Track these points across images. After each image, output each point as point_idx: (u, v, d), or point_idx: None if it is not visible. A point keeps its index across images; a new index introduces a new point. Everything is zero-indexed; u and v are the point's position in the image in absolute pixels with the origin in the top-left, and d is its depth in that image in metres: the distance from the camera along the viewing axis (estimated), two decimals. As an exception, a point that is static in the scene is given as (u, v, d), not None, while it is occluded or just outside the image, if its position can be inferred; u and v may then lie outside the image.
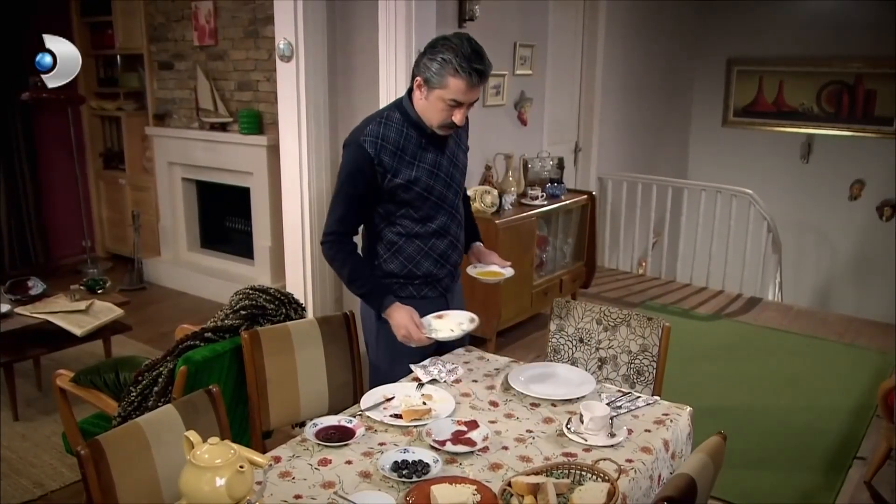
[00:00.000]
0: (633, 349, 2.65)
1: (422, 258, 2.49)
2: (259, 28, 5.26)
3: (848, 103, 7.03)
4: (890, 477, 3.40)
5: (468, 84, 2.26)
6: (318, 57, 3.60)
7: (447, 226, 2.52)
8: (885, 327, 5.43)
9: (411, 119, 2.39)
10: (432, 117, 2.35)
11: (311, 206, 3.71)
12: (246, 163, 5.49)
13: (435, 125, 2.36)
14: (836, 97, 7.09)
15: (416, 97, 2.36)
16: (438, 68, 2.25)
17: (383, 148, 2.34)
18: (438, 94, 2.29)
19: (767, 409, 4.04)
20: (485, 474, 1.89)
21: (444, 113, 2.32)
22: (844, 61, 6.96)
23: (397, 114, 2.40)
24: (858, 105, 6.98)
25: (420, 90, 2.33)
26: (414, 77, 2.35)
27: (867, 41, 6.83)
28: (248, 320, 2.74)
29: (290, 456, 1.94)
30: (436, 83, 2.27)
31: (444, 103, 2.30)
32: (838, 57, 6.98)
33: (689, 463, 1.80)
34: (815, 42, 7.11)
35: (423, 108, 2.36)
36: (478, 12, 4.56)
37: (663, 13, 7.13)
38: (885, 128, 6.84)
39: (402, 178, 2.36)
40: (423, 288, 2.54)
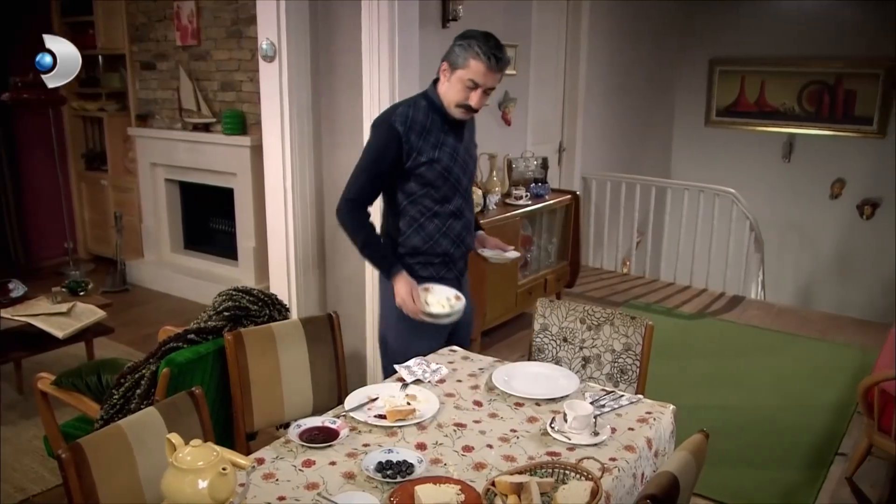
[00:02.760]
0: (617, 348, 2.66)
1: (440, 237, 2.69)
2: (242, 28, 5.24)
3: (828, 103, 7.09)
4: (871, 473, 3.43)
5: (487, 66, 2.50)
6: (300, 57, 3.59)
7: (462, 209, 2.74)
8: (866, 324, 5.49)
9: (435, 105, 2.62)
10: (452, 97, 2.57)
11: (295, 206, 3.70)
12: (229, 163, 5.47)
13: (453, 105, 2.58)
14: (816, 97, 7.15)
15: (440, 83, 2.61)
16: (462, 51, 2.51)
17: (412, 128, 2.57)
18: (459, 76, 2.53)
19: (750, 407, 4.07)
20: (469, 474, 1.89)
21: (462, 93, 2.55)
22: (825, 62, 7.03)
23: (423, 101, 2.64)
24: (839, 105, 7.05)
25: (444, 74, 2.58)
26: (441, 64, 2.60)
27: (847, 42, 6.90)
28: (232, 321, 2.72)
29: (273, 457, 1.93)
30: (459, 64, 2.52)
31: (462, 84, 2.53)
32: (819, 57, 7.04)
33: (672, 461, 1.81)
34: (795, 42, 7.17)
35: (444, 91, 2.59)
36: (461, 12, 4.57)
37: (646, 13, 7.17)
38: (864, 127, 6.91)
39: (426, 157, 2.58)
40: (442, 269, 2.73)
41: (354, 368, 3.67)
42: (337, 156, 3.77)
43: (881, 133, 6.85)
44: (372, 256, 2.72)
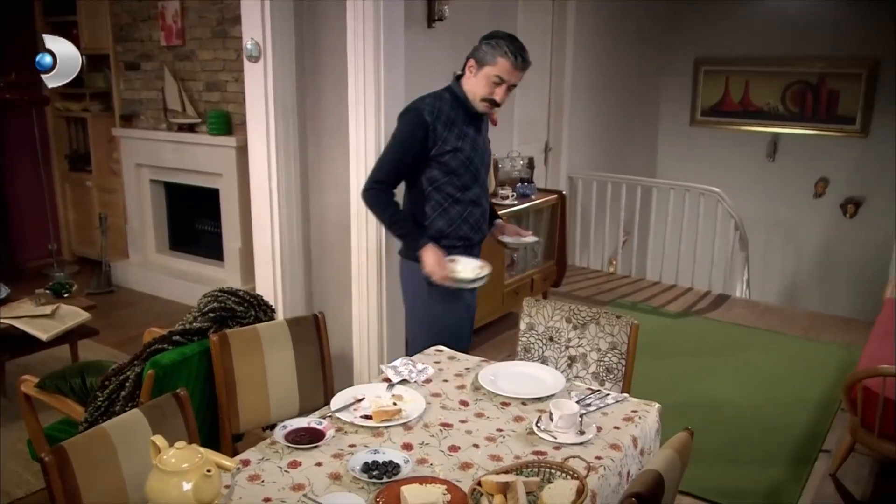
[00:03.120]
0: (603, 347, 2.67)
1: (461, 222, 2.91)
2: (227, 28, 5.22)
3: (812, 103, 7.15)
4: (854, 469, 3.47)
5: (513, 64, 2.76)
6: (286, 57, 3.58)
7: (480, 197, 2.97)
8: (850, 322, 5.53)
9: (460, 99, 2.84)
10: (478, 92, 2.81)
11: (281, 207, 3.69)
12: (215, 164, 5.44)
13: (478, 98, 2.81)
14: (800, 97, 7.21)
15: (465, 78, 2.84)
16: (490, 49, 2.76)
17: (438, 118, 2.78)
18: (486, 72, 2.77)
19: (735, 405, 4.09)
20: (455, 474, 1.90)
21: (488, 88, 2.79)
22: (808, 62, 7.08)
23: (448, 94, 2.86)
24: (822, 104, 7.11)
25: (471, 70, 2.81)
26: (467, 61, 2.83)
27: (830, 42, 6.95)
28: (217, 323, 2.71)
29: (259, 459, 1.93)
30: (487, 61, 2.76)
31: (489, 80, 2.77)
32: (802, 57, 7.10)
33: (657, 459, 1.82)
34: (779, 43, 7.22)
35: (471, 86, 2.82)
36: (447, 13, 4.57)
37: (632, 14, 7.20)
38: (847, 126, 6.97)
39: (451, 146, 2.80)
40: (462, 252, 2.92)
41: (341, 369, 3.66)
42: (322, 156, 3.76)
43: (864, 132, 6.91)
44: (400, 231, 2.90)
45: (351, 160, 3.54)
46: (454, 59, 4.86)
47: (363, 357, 3.71)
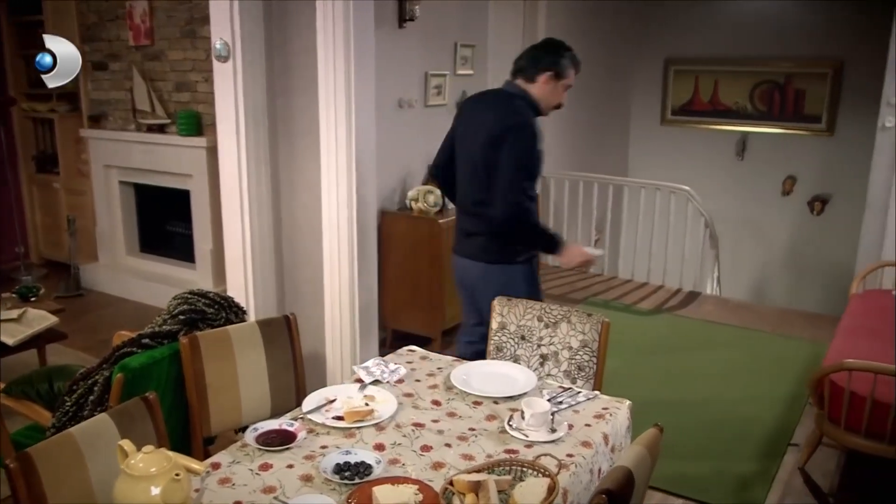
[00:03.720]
0: (574, 345, 2.69)
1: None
2: (196, 28, 5.18)
3: (779, 102, 7.25)
4: (822, 462, 3.52)
5: (576, 72, 3.03)
6: (255, 57, 3.56)
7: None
8: (817, 318, 5.62)
9: (533, 106, 2.98)
10: (552, 101, 3.02)
11: (252, 208, 3.67)
12: (185, 165, 5.40)
13: (552, 106, 3.04)
14: (767, 96, 7.31)
15: (538, 88, 2.97)
16: (567, 63, 2.97)
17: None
18: (564, 83, 3.00)
19: (706, 401, 4.14)
20: (427, 473, 1.90)
21: (561, 96, 3.03)
22: (775, 61, 7.18)
23: (525, 103, 2.96)
24: (789, 104, 7.21)
25: (548, 82, 2.96)
26: (539, 72, 2.94)
27: (796, 42, 7.06)
28: (188, 325, 2.69)
29: (229, 462, 1.92)
30: (565, 74, 2.97)
31: (563, 89, 3.01)
32: (769, 57, 7.20)
33: (627, 455, 1.84)
34: (747, 43, 7.31)
35: (547, 95, 2.99)
36: (418, 12, 4.57)
37: (602, 14, 7.25)
38: (814, 125, 7.08)
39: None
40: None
41: (314, 370, 3.65)
42: (294, 157, 3.75)
43: (829, 131, 7.02)
44: (545, 239, 3.04)
45: (322, 161, 3.53)
46: (425, 59, 4.88)
47: (336, 358, 3.71)
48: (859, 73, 6.75)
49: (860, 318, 4.21)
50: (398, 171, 4.81)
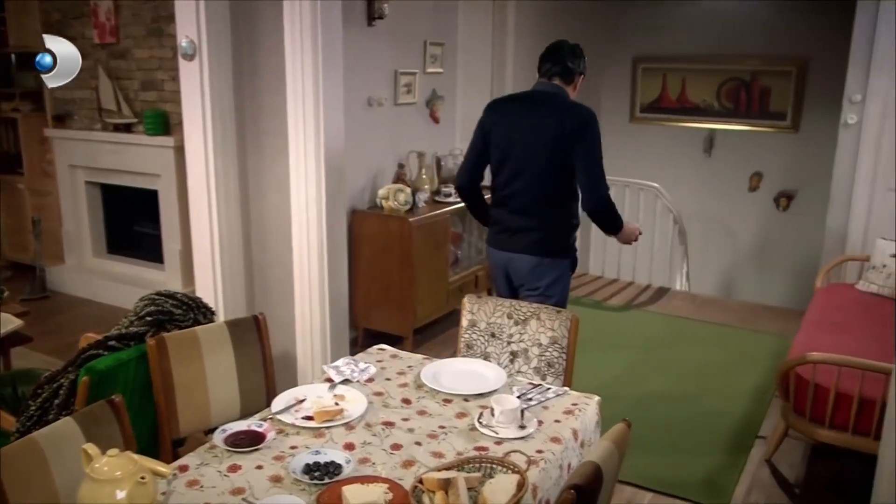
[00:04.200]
0: (544, 342, 2.70)
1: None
2: (162, 26, 5.11)
3: (745, 99, 7.34)
4: (788, 454, 3.59)
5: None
6: (222, 56, 3.52)
7: None
8: (784, 312, 5.71)
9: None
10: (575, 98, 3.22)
11: (220, 208, 3.64)
12: (153, 164, 5.34)
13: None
14: (734, 93, 7.39)
15: (573, 88, 3.22)
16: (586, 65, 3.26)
17: None
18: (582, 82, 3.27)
19: (676, 395, 4.19)
20: (397, 472, 1.90)
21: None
22: (741, 59, 7.27)
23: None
24: (755, 101, 7.30)
25: (579, 84, 3.25)
26: (576, 75, 3.21)
27: (761, 41, 7.15)
28: (155, 326, 2.67)
29: (197, 464, 1.90)
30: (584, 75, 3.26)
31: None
32: (735, 56, 7.28)
33: (596, 451, 1.85)
34: (714, 41, 7.39)
35: (574, 94, 3.22)
36: (387, 11, 4.56)
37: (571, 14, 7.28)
38: (779, 122, 7.18)
39: None
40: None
41: (284, 370, 3.63)
42: (262, 156, 3.72)
43: (794, 128, 7.13)
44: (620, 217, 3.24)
45: (291, 160, 3.52)
46: (395, 57, 4.87)
47: (307, 357, 3.69)
48: (822, 71, 6.86)
49: (824, 312, 4.29)
50: (368, 170, 4.80)
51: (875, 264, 4.57)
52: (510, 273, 3.21)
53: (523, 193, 3.09)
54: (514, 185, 3.10)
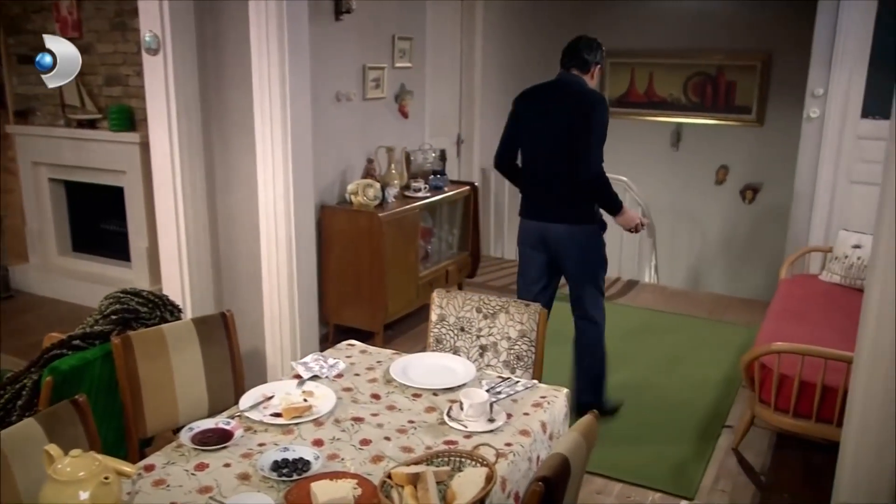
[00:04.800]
0: (513, 335, 2.72)
1: None
2: (126, 20, 5.04)
3: (711, 94, 7.42)
4: (755, 442, 3.65)
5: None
6: (186, 50, 3.48)
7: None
8: (750, 303, 5.80)
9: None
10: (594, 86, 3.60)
11: (186, 204, 3.60)
12: (118, 161, 5.26)
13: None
14: (700, 88, 7.47)
15: (590, 77, 3.55)
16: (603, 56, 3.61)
17: None
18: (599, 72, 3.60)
19: (644, 386, 4.23)
20: (366, 467, 1.90)
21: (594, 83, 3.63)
22: (707, 54, 7.35)
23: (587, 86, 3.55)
24: (721, 95, 7.39)
25: (596, 74, 3.57)
26: (593, 65, 3.55)
27: (727, 35, 7.23)
28: (121, 325, 2.64)
29: (164, 463, 1.89)
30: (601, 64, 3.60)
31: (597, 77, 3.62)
32: (702, 50, 7.36)
33: (563, 442, 1.87)
34: (680, 36, 7.46)
35: (594, 83, 3.59)
36: (354, 5, 4.53)
37: (540, 9, 7.31)
38: (744, 116, 7.27)
39: None
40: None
41: (253, 367, 3.61)
42: (229, 152, 3.69)
43: (759, 122, 7.22)
44: (615, 196, 3.55)
45: (258, 156, 3.49)
46: (363, 51, 4.85)
47: (276, 354, 3.67)
48: (786, 65, 6.96)
49: (789, 302, 4.36)
50: (337, 165, 4.77)
51: (837, 255, 4.66)
52: (548, 240, 3.61)
53: (550, 170, 3.51)
54: (543, 163, 3.54)
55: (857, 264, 4.48)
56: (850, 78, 5.07)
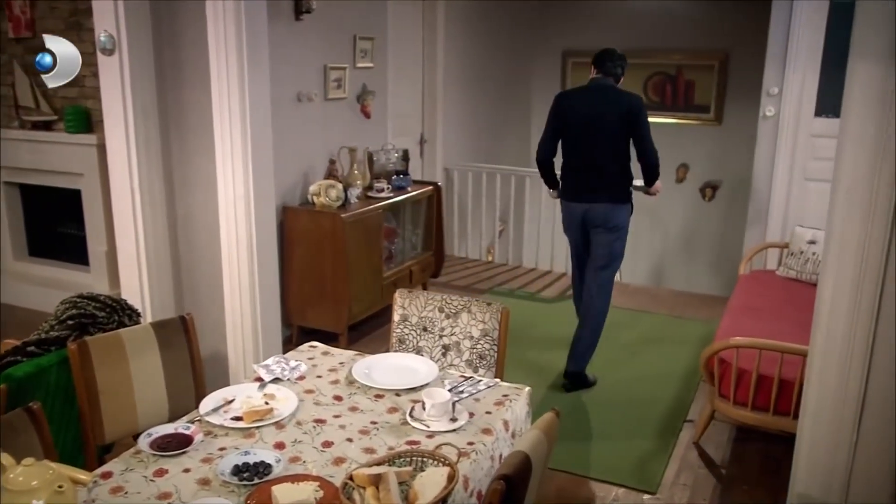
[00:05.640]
0: (475, 334, 2.73)
1: None
2: (81, 20, 4.94)
3: (671, 93, 7.53)
4: (715, 436, 3.71)
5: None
6: (143, 50, 3.43)
7: None
8: (711, 299, 5.89)
9: None
10: None
11: (144, 206, 3.54)
12: (75, 164, 5.16)
13: None
14: (660, 87, 7.57)
15: (618, 82, 4.11)
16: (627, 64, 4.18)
17: None
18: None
19: (606, 383, 4.27)
20: (328, 469, 1.90)
21: None
22: (666, 54, 7.45)
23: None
24: (680, 94, 7.50)
25: (621, 80, 4.12)
26: (622, 75, 4.12)
27: (686, 35, 7.34)
28: (77, 330, 2.60)
29: (122, 469, 1.86)
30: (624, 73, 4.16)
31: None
32: (661, 50, 7.45)
33: (524, 440, 1.88)
34: (640, 36, 7.55)
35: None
36: (314, 5, 4.51)
37: (501, 8, 7.34)
38: (703, 115, 7.39)
39: None
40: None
41: (215, 370, 3.57)
42: (187, 154, 3.64)
43: (717, 121, 7.35)
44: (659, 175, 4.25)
45: (217, 157, 3.45)
46: (324, 52, 4.82)
47: (238, 357, 3.64)
48: (743, 64, 7.08)
49: (747, 298, 4.44)
50: (299, 166, 4.74)
51: (793, 251, 4.75)
52: (587, 219, 4.14)
53: (594, 159, 4.06)
54: (587, 153, 4.08)
55: (812, 259, 4.58)
56: (803, 77, 5.18)
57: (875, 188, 2.08)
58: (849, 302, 2.19)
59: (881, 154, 2.06)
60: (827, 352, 2.26)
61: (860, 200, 2.12)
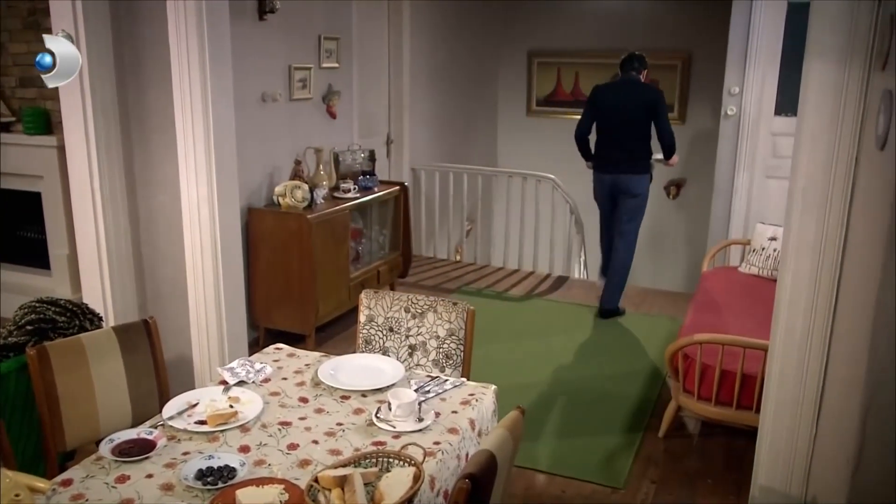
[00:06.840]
0: (441, 334, 2.73)
1: None
2: (40, 19, 4.85)
3: (635, 92, 7.60)
4: (681, 431, 3.75)
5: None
6: (102, 50, 3.37)
7: None
8: (676, 295, 5.96)
9: None
10: None
11: (105, 208, 3.49)
12: (34, 166, 5.06)
13: None
14: (624, 86, 7.64)
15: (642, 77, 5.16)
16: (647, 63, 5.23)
17: None
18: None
19: (574, 380, 4.31)
20: (294, 472, 1.89)
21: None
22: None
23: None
24: (644, 94, 7.57)
25: (644, 76, 5.18)
26: (643, 69, 5.16)
27: (649, 35, 7.43)
28: (37, 335, 2.55)
29: (83, 476, 1.83)
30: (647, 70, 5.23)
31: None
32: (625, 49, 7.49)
33: (490, 439, 1.89)
34: (604, 36, 7.63)
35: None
36: (278, 5, 4.48)
37: (466, 9, 7.36)
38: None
39: None
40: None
41: (180, 374, 3.53)
42: (149, 155, 3.59)
43: (681, 119, 7.44)
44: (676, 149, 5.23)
45: (179, 158, 3.41)
46: (289, 52, 4.80)
47: (203, 360, 3.60)
48: (705, 64, 7.18)
49: (710, 294, 4.50)
50: (264, 167, 4.71)
51: (755, 247, 4.83)
52: (615, 188, 5.18)
53: (622, 138, 5.07)
54: (617, 133, 5.10)
55: (773, 256, 4.65)
56: (763, 77, 5.27)
57: (830, 186, 2.13)
58: (806, 298, 2.23)
59: (835, 152, 2.11)
60: (786, 347, 2.31)
61: (816, 198, 2.16)
